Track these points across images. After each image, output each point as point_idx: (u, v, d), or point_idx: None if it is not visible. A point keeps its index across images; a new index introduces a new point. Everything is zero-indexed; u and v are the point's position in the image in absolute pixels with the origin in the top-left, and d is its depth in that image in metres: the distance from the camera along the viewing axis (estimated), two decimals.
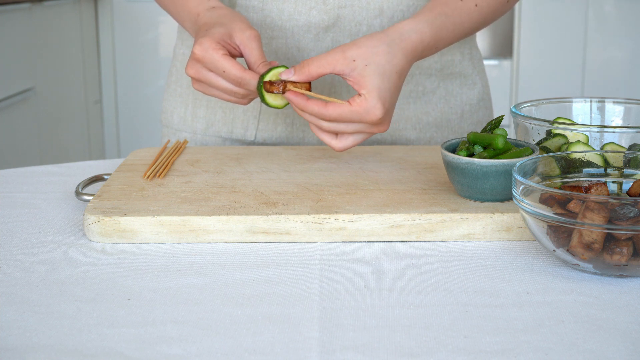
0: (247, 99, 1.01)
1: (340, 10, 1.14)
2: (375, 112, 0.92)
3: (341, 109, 0.92)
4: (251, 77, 0.96)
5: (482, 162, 0.87)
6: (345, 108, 0.92)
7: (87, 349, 0.64)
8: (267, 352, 0.63)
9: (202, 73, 0.98)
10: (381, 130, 0.95)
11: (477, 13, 1.04)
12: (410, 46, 0.96)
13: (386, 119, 0.95)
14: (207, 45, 0.96)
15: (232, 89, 0.98)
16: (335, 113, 0.92)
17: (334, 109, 0.92)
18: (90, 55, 3.51)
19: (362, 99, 0.92)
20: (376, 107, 0.92)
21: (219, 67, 0.96)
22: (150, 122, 3.65)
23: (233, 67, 0.96)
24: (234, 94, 0.99)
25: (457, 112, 1.23)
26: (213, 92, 1.00)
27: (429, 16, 0.99)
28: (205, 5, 1.05)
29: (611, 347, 0.64)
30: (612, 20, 3.46)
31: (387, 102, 0.93)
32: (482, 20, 1.06)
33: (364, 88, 0.92)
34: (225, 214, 0.86)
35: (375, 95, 0.92)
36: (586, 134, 0.92)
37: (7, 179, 1.08)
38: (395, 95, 0.95)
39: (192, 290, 0.75)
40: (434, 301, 0.72)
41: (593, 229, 0.73)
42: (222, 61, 0.96)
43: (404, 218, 0.85)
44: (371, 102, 0.92)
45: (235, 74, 0.96)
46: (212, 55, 0.96)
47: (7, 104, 2.69)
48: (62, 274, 0.78)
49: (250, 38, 0.99)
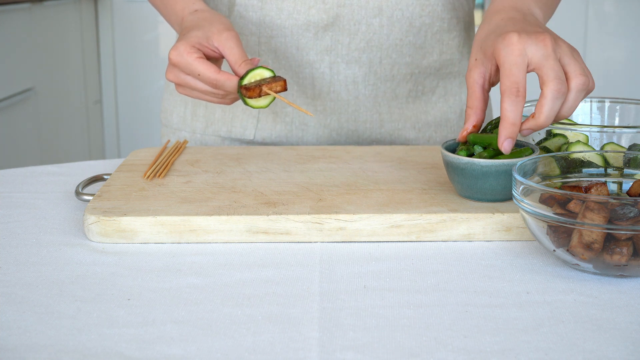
0: (228, 98, 1.01)
1: (339, 9, 1.14)
2: (509, 37, 0.84)
3: (501, 74, 0.84)
4: (226, 79, 0.97)
5: (482, 162, 0.87)
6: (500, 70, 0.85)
7: (87, 349, 0.64)
8: (267, 352, 0.63)
9: (180, 77, 0.99)
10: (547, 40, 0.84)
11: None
12: (507, 6, 0.94)
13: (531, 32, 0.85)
14: (181, 49, 0.97)
15: (210, 90, 0.98)
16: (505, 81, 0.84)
17: (501, 82, 0.84)
18: (90, 55, 3.51)
19: (495, 51, 0.85)
20: (505, 37, 0.85)
21: (193, 71, 0.97)
22: (150, 122, 3.65)
23: (207, 69, 0.96)
24: (213, 95, 0.99)
25: (457, 112, 1.23)
26: (195, 94, 1.00)
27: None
28: (189, 9, 1.06)
29: (611, 347, 0.64)
30: (612, 20, 3.46)
31: (516, 25, 0.87)
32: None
33: (490, 48, 0.87)
34: (225, 214, 0.86)
35: (498, 35, 0.86)
36: (586, 134, 0.92)
37: (7, 179, 1.08)
38: (523, 23, 0.89)
39: (192, 290, 0.75)
40: (434, 301, 0.72)
41: (593, 229, 0.73)
42: (195, 64, 0.96)
43: (404, 218, 0.85)
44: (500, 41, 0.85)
45: (209, 77, 0.96)
46: (186, 59, 0.97)
47: (7, 104, 2.69)
48: (62, 274, 0.78)
49: (228, 38, 0.99)
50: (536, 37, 0.84)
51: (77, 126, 3.37)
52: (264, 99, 0.98)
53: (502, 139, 0.84)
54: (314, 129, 1.20)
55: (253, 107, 0.98)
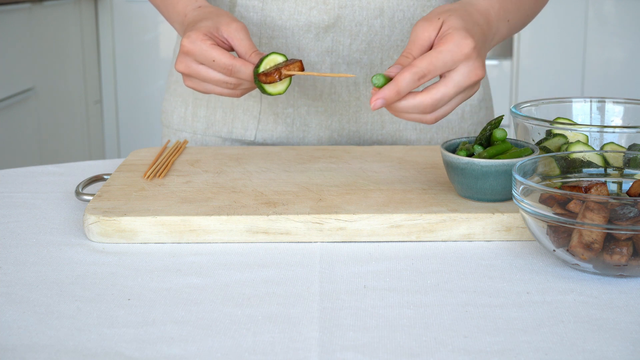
0: (239, 89, 0.99)
1: (340, 10, 1.14)
2: (466, 41, 0.86)
3: (429, 54, 0.85)
4: (241, 64, 0.95)
5: (482, 162, 0.87)
6: (432, 52, 0.86)
7: (87, 349, 0.64)
8: (267, 352, 0.63)
9: (191, 67, 0.97)
10: (479, 74, 0.87)
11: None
12: (483, 9, 0.94)
13: (479, 58, 0.88)
14: (194, 37, 0.96)
15: (223, 79, 0.97)
16: (425, 61, 0.85)
17: (421, 60, 0.85)
18: (90, 55, 3.51)
19: (448, 36, 0.86)
20: (465, 37, 0.86)
21: (208, 57, 0.95)
22: (150, 122, 3.65)
23: (222, 55, 0.95)
24: (226, 84, 0.98)
25: (458, 113, 1.23)
26: (205, 86, 0.99)
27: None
28: (192, 6, 1.06)
29: (611, 347, 0.64)
30: (612, 20, 3.46)
31: (476, 39, 0.88)
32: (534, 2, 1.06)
33: (449, 29, 0.87)
34: (225, 214, 0.86)
35: (463, 30, 0.87)
36: (586, 134, 0.92)
37: (7, 179, 1.08)
38: (482, 43, 0.90)
39: (192, 290, 0.75)
40: (434, 301, 0.72)
41: (593, 229, 0.73)
42: (210, 50, 0.95)
43: (404, 218, 0.85)
44: (459, 34, 0.86)
45: (226, 62, 0.95)
46: (200, 46, 0.95)
47: (7, 104, 2.69)
48: (62, 274, 0.78)
49: (237, 29, 0.98)
50: (478, 66, 0.87)
51: (77, 126, 3.37)
52: (282, 83, 0.97)
53: (379, 95, 0.85)
54: (315, 130, 1.20)
55: (271, 94, 0.97)
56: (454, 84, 0.87)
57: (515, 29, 1.04)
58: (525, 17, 1.06)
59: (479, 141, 0.92)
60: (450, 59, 0.86)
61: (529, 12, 1.06)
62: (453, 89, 0.87)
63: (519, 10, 1.02)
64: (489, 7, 0.96)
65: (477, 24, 0.91)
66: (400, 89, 0.85)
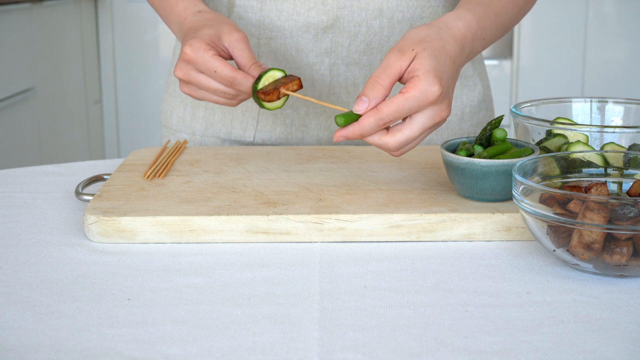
0: (236, 99, 0.99)
1: (339, 10, 1.14)
2: (433, 89, 0.86)
3: (395, 100, 0.86)
4: (243, 77, 0.96)
5: (482, 162, 0.87)
6: (398, 98, 0.87)
7: (87, 349, 0.64)
8: (267, 352, 0.63)
9: (191, 75, 0.97)
10: (443, 116, 0.89)
11: (512, 3, 1.03)
12: (459, 33, 0.93)
13: (445, 99, 0.89)
14: (197, 46, 0.96)
15: (222, 89, 0.97)
16: (391, 108, 0.86)
17: (387, 106, 0.86)
18: (90, 55, 3.51)
19: (416, 80, 0.87)
20: (433, 83, 0.87)
21: (210, 68, 0.95)
22: (150, 122, 3.65)
23: (224, 67, 0.95)
24: (224, 94, 0.98)
25: (458, 114, 1.23)
26: (201, 93, 0.99)
27: (469, 5, 0.97)
28: (192, 10, 1.05)
29: (611, 347, 0.64)
30: (612, 20, 3.46)
31: (444, 82, 0.88)
32: (517, 11, 1.05)
33: (419, 70, 0.87)
34: (225, 214, 0.86)
35: (432, 74, 0.87)
36: (586, 134, 0.92)
37: (7, 179, 1.08)
38: (451, 80, 0.90)
39: (192, 290, 0.75)
40: (434, 301, 0.72)
41: (593, 229, 0.73)
42: (213, 61, 0.95)
43: (404, 218, 0.85)
44: (426, 79, 0.87)
45: (227, 74, 0.95)
46: (203, 55, 0.95)
47: (7, 104, 2.69)
48: (62, 274, 0.78)
49: (238, 40, 0.98)
50: (444, 108, 0.89)
51: (77, 126, 3.37)
52: (280, 99, 0.97)
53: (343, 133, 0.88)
54: (314, 131, 1.20)
55: (270, 109, 0.97)
56: (419, 127, 0.88)
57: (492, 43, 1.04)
58: (505, 30, 1.04)
59: (479, 141, 0.92)
60: (416, 105, 0.87)
61: (508, 24, 1.04)
62: (417, 132, 0.88)
63: (497, 27, 1.01)
64: (465, 31, 0.94)
65: (448, 57, 0.90)
66: (363, 132, 0.87)
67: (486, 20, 0.98)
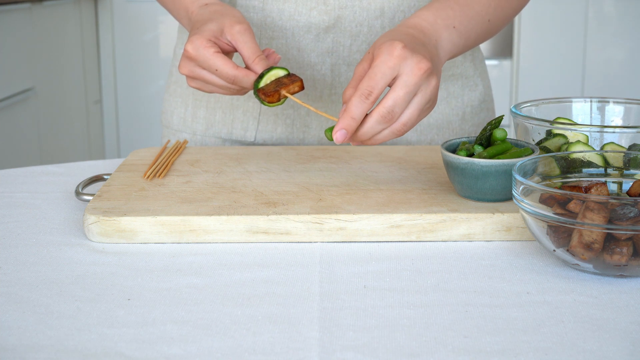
0: (243, 91, 1.00)
1: (340, 10, 1.14)
2: (394, 45, 0.86)
3: (367, 74, 0.87)
4: (244, 75, 0.96)
5: (482, 162, 0.87)
6: (369, 71, 0.87)
7: (87, 349, 0.64)
8: (267, 352, 0.63)
9: (195, 71, 0.97)
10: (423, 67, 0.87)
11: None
12: (411, 24, 0.95)
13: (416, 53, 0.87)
14: (198, 43, 0.96)
15: (226, 85, 0.97)
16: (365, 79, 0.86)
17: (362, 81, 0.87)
18: (90, 55, 3.51)
19: (377, 51, 0.88)
20: (392, 43, 0.87)
21: (211, 66, 0.95)
22: (150, 122, 3.65)
23: (225, 65, 0.95)
24: (229, 89, 0.98)
25: (458, 114, 1.23)
26: (209, 87, 0.99)
27: (425, 6, 1.00)
28: (199, 2, 1.05)
29: (611, 347, 0.64)
30: (612, 20, 3.46)
31: (405, 42, 0.88)
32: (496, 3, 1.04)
33: (376, 48, 0.89)
34: (225, 214, 0.86)
35: (387, 39, 0.88)
36: (586, 134, 0.92)
37: (7, 179, 1.08)
38: (416, 44, 0.90)
39: (192, 290, 0.75)
40: (434, 301, 0.72)
41: (593, 229, 0.73)
42: (213, 59, 0.95)
43: (404, 218, 0.85)
44: (384, 44, 0.87)
45: (228, 73, 0.95)
46: (203, 53, 0.95)
47: (7, 104, 2.69)
48: (62, 274, 0.78)
49: (241, 32, 0.98)
50: (417, 60, 0.87)
51: (77, 126, 3.37)
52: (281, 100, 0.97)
53: (338, 128, 0.87)
54: (316, 131, 1.20)
55: (270, 106, 0.97)
56: (401, 85, 0.87)
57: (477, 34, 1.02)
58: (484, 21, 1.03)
59: (479, 141, 0.92)
60: (386, 67, 0.86)
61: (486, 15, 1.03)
62: (401, 90, 0.87)
63: (467, 17, 1.00)
64: (419, 21, 0.96)
65: (403, 33, 0.92)
66: (353, 114, 0.86)
67: (447, 10, 0.99)
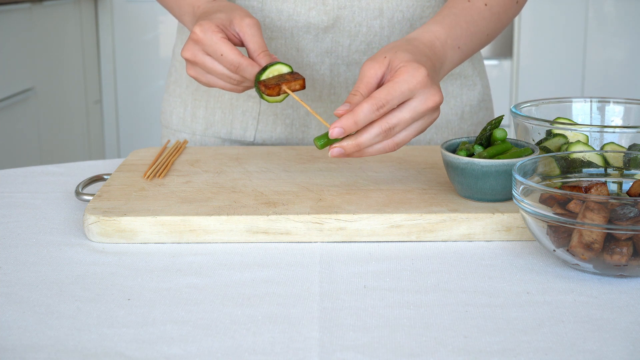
0: (242, 86, 0.99)
1: (339, 10, 1.14)
2: (419, 71, 0.87)
3: (387, 85, 0.87)
4: (248, 64, 0.95)
5: (482, 162, 0.87)
6: (389, 83, 0.87)
7: (87, 349, 0.64)
8: (267, 352, 0.63)
9: (198, 56, 0.96)
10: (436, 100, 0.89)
11: (488, 12, 1.03)
12: (428, 41, 0.95)
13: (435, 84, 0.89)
14: (206, 27, 0.95)
15: (228, 74, 0.96)
16: (383, 92, 0.87)
17: (379, 91, 0.86)
18: (90, 55, 3.51)
19: (402, 68, 0.88)
20: (418, 67, 0.88)
21: (217, 50, 0.95)
22: (150, 122, 3.65)
23: (231, 51, 0.95)
24: (229, 79, 0.97)
25: (457, 113, 1.23)
26: (207, 77, 0.98)
27: (436, 18, 0.99)
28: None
29: (611, 347, 0.64)
30: (612, 20, 3.46)
31: (427, 69, 0.89)
32: (496, 19, 1.05)
33: (400, 62, 0.89)
34: (225, 214, 0.86)
35: (414, 61, 0.88)
36: (586, 134, 0.92)
37: (7, 179, 1.08)
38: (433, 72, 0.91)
39: (192, 290, 0.75)
40: (434, 301, 0.72)
41: (593, 229, 0.73)
42: (220, 44, 0.95)
43: (404, 218, 0.85)
44: (410, 65, 0.88)
45: (233, 59, 0.95)
46: (211, 37, 0.95)
47: (7, 104, 2.69)
48: (62, 274, 0.78)
49: (250, 25, 0.98)
50: (433, 92, 0.88)
51: (77, 126, 3.37)
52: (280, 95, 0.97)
53: (337, 124, 0.86)
54: (315, 131, 1.20)
55: (269, 101, 0.97)
56: (410, 109, 0.88)
57: (474, 50, 1.04)
58: (484, 39, 1.04)
59: (479, 141, 0.92)
60: (407, 89, 0.87)
61: (487, 33, 1.04)
62: (408, 113, 0.88)
63: (472, 35, 1.01)
64: (433, 39, 0.96)
65: (424, 55, 0.92)
66: (357, 119, 0.86)
67: (457, 29, 0.99)
